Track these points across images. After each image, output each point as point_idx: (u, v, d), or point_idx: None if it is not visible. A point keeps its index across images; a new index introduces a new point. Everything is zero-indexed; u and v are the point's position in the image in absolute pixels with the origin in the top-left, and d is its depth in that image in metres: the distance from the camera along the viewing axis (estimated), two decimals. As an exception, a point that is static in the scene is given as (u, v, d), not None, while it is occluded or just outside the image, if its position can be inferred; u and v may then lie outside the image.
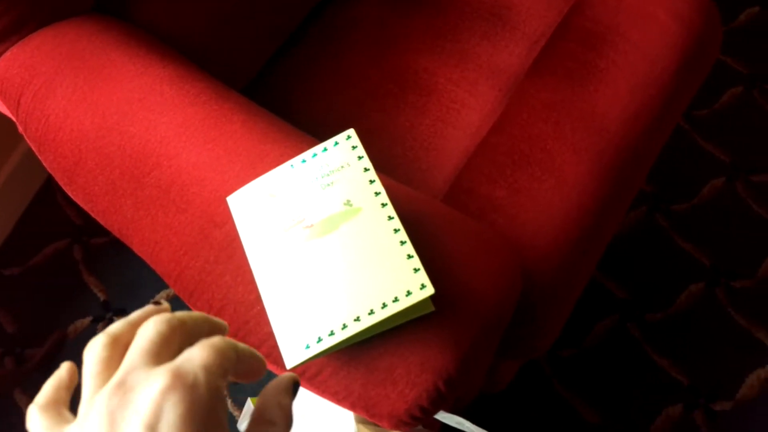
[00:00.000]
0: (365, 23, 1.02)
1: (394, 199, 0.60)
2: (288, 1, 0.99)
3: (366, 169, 0.60)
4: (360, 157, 0.60)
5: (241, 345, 0.33)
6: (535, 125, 0.85)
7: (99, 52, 0.78)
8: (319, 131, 0.87)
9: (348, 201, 0.58)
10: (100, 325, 1.25)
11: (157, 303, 0.36)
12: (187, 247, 0.65)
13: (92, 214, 0.73)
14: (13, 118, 0.80)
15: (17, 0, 0.77)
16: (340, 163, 0.60)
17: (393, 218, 0.57)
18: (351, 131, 0.62)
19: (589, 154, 0.83)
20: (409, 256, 0.54)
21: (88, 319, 1.25)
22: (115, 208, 0.70)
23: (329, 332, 0.53)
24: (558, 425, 1.10)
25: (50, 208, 1.36)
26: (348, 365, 0.58)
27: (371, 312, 0.53)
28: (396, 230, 0.56)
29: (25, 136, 0.79)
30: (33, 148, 0.78)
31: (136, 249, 0.70)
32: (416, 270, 0.54)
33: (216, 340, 0.32)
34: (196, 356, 0.31)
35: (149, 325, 0.32)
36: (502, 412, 1.10)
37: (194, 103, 0.72)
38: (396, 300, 0.53)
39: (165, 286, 1.26)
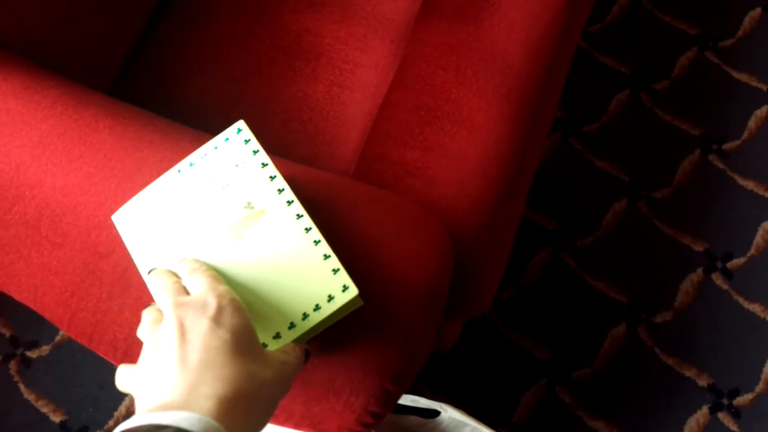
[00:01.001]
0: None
1: (301, 188, 0.53)
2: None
3: (264, 165, 0.53)
4: (255, 152, 0.54)
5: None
6: (435, 75, 0.79)
7: None
8: (203, 120, 0.78)
9: (249, 203, 0.52)
10: (13, 362, 1.13)
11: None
12: (73, 287, 0.56)
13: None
14: None
15: None
16: (235, 162, 0.54)
17: (302, 216, 0.51)
18: (241, 123, 0.55)
19: (496, 96, 0.78)
20: (326, 257, 0.49)
21: (-3, 361, 1.13)
22: (-21, 256, 0.60)
23: None
24: (510, 368, 1.09)
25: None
26: (283, 384, 0.52)
27: (291, 326, 0.48)
28: (307, 229, 0.50)
29: None
30: None
31: (16, 297, 0.61)
32: (335, 271, 0.49)
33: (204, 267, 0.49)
34: (213, 282, 0.46)
35: (164, 276, 0.49)
36: (453, 368, 1.08)
37: (49, 116, 0.62)
38: (318, 308, 0.48)
39: (74, 312, 1.16)
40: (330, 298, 0.48)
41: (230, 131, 0.55)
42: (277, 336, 0.48)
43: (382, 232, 0.55)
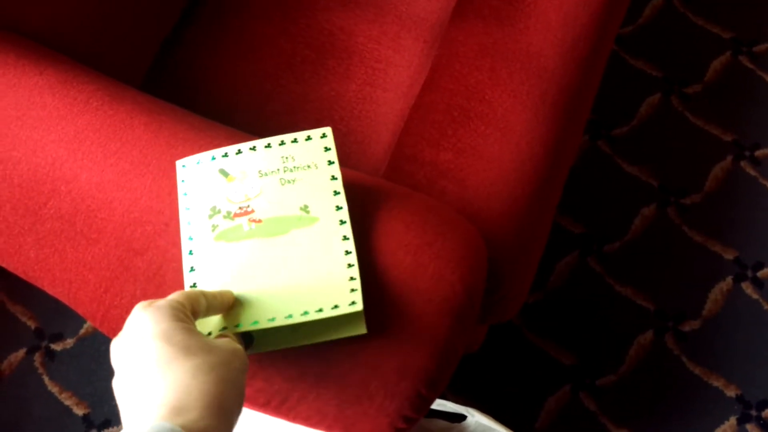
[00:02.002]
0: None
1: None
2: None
3: (333, 178, 0.54)
4: (330, 162, 0.55)
5: (209, 291, 0.48)
6: (470, 75, 0.78)
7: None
8: (234, 117, 0.78)
9: (305, 206, 0.53)
10: (37, 354, 1.14)
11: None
12: (107, 283, 0.56)
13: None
14: None
15: None
16: (307, 162, 0.55)
17: (348, 239, 0.52)
18: (328, 130, 0.56)
19: (531, 98, 0.77)
20: (352, 278, 0.50)
21: (22, 351, 1.14)
22: (14, 249, 0.60)
23: (236, 324, 0.49)
24: (534, 373, 1.08)
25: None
26: (317, 386, 0.51)
27: (288, 316, 0.49)
28: (347, 252, 0.51)
29: None
30: None
31: (49, 291, 0.61)
32: (353, 290, 0.50)
33: (188, 289, 0.49)
34: (169, 296, 0.46)
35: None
36: (477, 371, 1.07)
37: (85, 111, 0.62)
38: (320, 310, 0.49)
39: (98, 305, 1.16)
40: (335, 306, 0.49)
41: (315, 132, 0.56)
42: (272, 319, 0.49)
43: (416, 237, 0.55)
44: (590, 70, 0.86)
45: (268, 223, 0.52)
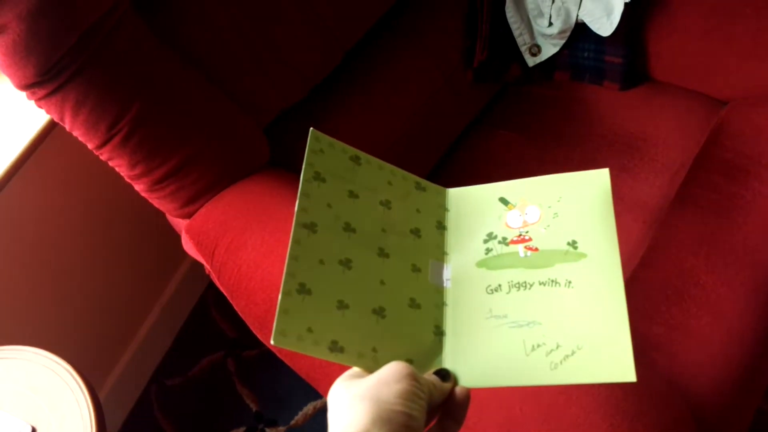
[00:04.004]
0: (501, 155, 1.09)
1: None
2: (434, 140, 1.08)
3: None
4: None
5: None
6: (685, 259, 0.87)
7: (281, 206, 0.88)
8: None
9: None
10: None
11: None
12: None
13: (286, 360, 0.80)
14: (207, 266, 0.91)
15: (212, 164, 0.89)
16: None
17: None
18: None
19: (745, 288, 0.84)
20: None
21: (241, 430, 1.32)
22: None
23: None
24: None
25: (205, 322, 1.48)
26: None
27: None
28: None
29: (218, 283, 0.89)
30: (225, 294, 0.89)
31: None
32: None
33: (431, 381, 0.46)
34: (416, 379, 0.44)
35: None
36: None
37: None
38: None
39: (314, 398, 1.33)
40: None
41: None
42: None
43: (633, 405, 0.63)
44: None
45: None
